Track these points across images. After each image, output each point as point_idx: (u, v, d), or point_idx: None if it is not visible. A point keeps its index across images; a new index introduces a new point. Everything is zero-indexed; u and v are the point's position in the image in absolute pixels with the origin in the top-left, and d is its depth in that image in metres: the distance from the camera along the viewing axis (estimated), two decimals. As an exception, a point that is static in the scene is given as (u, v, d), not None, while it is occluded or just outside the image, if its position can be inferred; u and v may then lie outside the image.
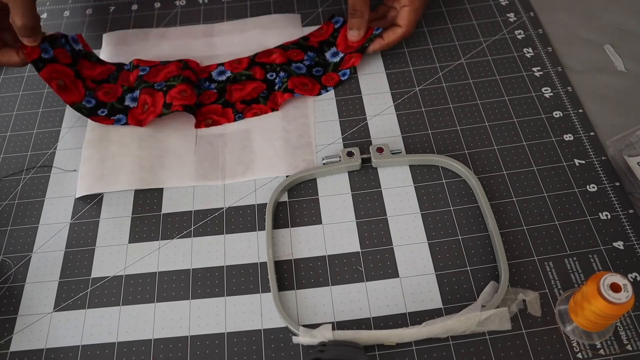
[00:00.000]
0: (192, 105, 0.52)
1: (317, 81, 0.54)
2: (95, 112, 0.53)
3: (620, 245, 0.43)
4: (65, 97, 0.52)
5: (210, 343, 0.40)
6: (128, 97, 0.54)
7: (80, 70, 0.54)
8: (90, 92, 0.54)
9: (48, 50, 0.52)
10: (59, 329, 0.42)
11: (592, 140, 0.49)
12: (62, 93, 0.52)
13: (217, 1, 0.63)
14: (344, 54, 0.56)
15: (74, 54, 0.54)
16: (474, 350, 0.39)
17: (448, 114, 0.51)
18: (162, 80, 0.54)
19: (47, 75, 0.51)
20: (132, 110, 0.53)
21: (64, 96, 0.52)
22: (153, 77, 0.54)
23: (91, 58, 0.56)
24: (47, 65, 0.51)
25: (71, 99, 0.52)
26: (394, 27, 0.54)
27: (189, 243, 0.45)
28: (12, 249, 0.46)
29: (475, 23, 0.58)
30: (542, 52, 0.55)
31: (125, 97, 0.54)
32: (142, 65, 0.56)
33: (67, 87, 0.53)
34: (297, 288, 0.42)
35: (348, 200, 0.47)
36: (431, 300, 0.41)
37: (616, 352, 0.38)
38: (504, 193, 0.46)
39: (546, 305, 0.40)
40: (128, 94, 0.55)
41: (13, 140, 0.53)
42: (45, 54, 0.51)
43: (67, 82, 0.53)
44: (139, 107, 0.53)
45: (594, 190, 0.46)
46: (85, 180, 0.49)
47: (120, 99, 0.54)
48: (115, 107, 0.54)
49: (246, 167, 0.49)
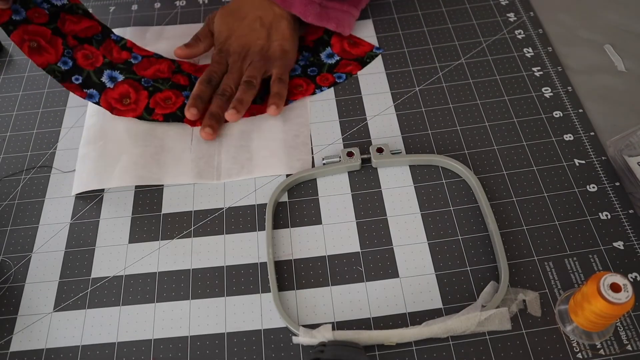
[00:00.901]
0: (175, 112, 0.51)
1: (311, 81, 0.54)
2: (69, 78, 0.51)
3: (620, 245, 0.43)
4: (37, 59, 0.50)
5: (210, 343, 0.40)
6: (107, 73, 0.53)
7: (61, 26, 0.52)
8: (69, 50, 0.52)
9: (19, 11, 0.49)
10: (59, 329, 0.42)
11: (592, 140, 0.49)
12: (35, 55, 0.50)
13: (217, 2, 0.63)
14: (340, 57, 0.56)
15: (53, 11, 0.51)
16: (474, 350, 0.39)
17: (448, 114, 0.51)
18: (150, 78, 0.53)
19: (19, 37, 0.49)
20: (107, 91, 0.52)
21: (37, 58, 0.50)
22: (142, 70, 0.54)
23: (77, 11, 0.53)
24: (18, 27, 0.49)
25: (45, 60, 0.50)
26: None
27: (189, 243, 0.45)
28: (12, 249, 0.46)
29: (475, 23, 0.58)
30: (542, 52, 0.55)
31: (104, 72, 0.53)
32: (135, 52, 0.55)
33: (42, 47, 0.50)
34: (297, 288, 0.42)
35: (348, 201, 0.47)
36: (431, 300, 0.41)
37: (616, 352, 0.38)
38: (504, 193, 0.46)
39: (546, 305, 0.40)
40: (108, 70, 0.53)
41: (13, 140, 0.53)
42: (16, 15, 0.49)
43: (43, 42, 0.50)
44: (116, 93, 0.52)
45: (594, 190, 0.46)
46: (81, 177, 0.49)
47: (98, 71, 0.52)
48: (91, 78, 0.52)
49: (241, 166, 0.49)
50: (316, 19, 0.55)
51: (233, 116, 0.50)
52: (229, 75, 0.53)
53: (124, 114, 0.51)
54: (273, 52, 0.54)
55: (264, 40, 0.54)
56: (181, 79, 0.54)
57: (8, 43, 0.61)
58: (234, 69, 0.53)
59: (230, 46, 0.54)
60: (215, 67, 0.53)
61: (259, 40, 0.54)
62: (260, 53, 0.54)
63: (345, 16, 0.56)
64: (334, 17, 0.55)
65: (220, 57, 0.54)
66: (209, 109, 0.51)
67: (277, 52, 0.54)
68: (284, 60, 0.54)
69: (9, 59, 0.59)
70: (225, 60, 0.54)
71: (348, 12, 0.56)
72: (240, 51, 0.54)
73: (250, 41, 0.54)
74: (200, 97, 0.51)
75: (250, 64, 0.53)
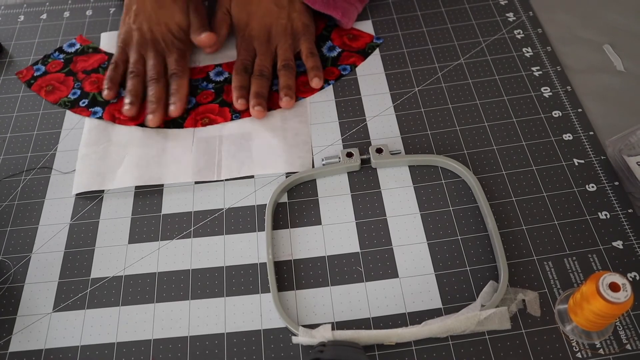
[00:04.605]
0: (176, 119, 0.52)
1: None
2: (77, 104, 0.54)
3: (620, 244, 0.43)
4: (51, 98, 0.55)
5: (209, 343, 0.40)
6: None
7: (73, 67, 0.57)
8: (79, 83, 0.56)
9: (40, 68, 0.57)
10: (58, 329, 0.42)
11: (592, 139, 0.49)
12: (49, 96, 0.55)
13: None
14: (342, 49, 0.56)
15: (67, 58, 0.58)
16: (473, 350, 0.39)
17: (447, 114, 0.51)
18: None
19: (38, 87, 0.56)
20: (110, 105, 0.54)
21: (51, 97, 0.55)
22: None
23: (88, 50, 0.58)
24: (37, 79, 0.56)
25: (58, 97, 0.55)
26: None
27: (189, 243, 0.45)
28: (12, 249, 0.46)
29: (474, 23, 0.58)
30: (542, 52, 0.55)
31: None
32: None
33: (55, 88, 0.55)
34: (296, 288, 0.42)
35: (347, 201, 0.47)
36: (431, 300, 0.41)
37: (615, 351, 0.38)
38: (503, 193, 0.46)
39: (545, 305, 0.40)
40: None
41: (13, 141, 0.53)
42: (37, 72, 0.57)
43: (56, 84, 0.55)
44: (119, 105, 0.54)
45: (593, 189, 0.46)
46: (82, 177, 0.49)
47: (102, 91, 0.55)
48: (96, 98, 0.55)
49: (241, 163, 0.49)
50: (323, 7, 0.56)
51: (289, 103, 0.52)
52: (260, 57, 0.54)
53: (126, 123, 0.52)
54: (296, 28, 0.56)
55: (285, 20, 0.55)
56: None
57: (9, 44, 0.61)
58: (263, 51, 0.54)
59: (253, 30, 0.56)
60: (244, 54, 0.54)
61: (281, 20, 0.55)
62: (285, 32, 0.55)
63: (351, 8, 0.57)
64: (340, 6, 0.56)
65: (247, 44, 0.55)
66: (252, 91, 0.52)
67: (300, 27, 0.56)
68: (308, 34, 0.56)
69: (9, 60, 0.59)
70: (252, 45, 0.55)
71: (354, 4, 0.57)
72: (263, 33, 0.55)
73: (271, 22, 0.55)
74: (243, 87, 0.52)
75: (279, 46, 0.55)
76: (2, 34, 0.62)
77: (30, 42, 0.61)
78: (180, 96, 0.52)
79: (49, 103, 0.55)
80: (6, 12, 0.64)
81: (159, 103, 0.52)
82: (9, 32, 0.62)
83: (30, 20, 0.63)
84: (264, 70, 0.53)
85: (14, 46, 0.61)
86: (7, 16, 0.64)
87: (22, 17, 0.64)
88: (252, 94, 0.52)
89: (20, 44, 0.61)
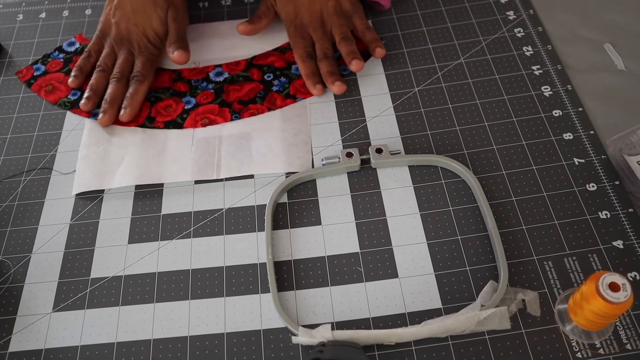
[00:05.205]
0: (175, 120, 0.52)
1: None
2: (77, 104, 0.54)
3: (620, 244, 0.43)
4: (51, 98, 0.55)
5: (209, 343, 0.40)
6: None
7: (73, 67, 0.56)
8: None
9: (40, 68, 0.57)
10: (58, 329, 0.42)
11: (592, 139, 0.49)
12: (49, 96, 0.55)
13: (217, 4, 0.63)
14: None
15: (67, 57, 0.58)
16: (473, 350, 0.39)
17: (447, 114, 0.51)
18: (152, 89, 0.55)
19: (37, 87, 0.56)
20: None
21: (50, 97, 0.55)
22: None
23: None
24: (37, 79, 0.57)
25: (58, 97, 0.55)
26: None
27: (189, 244, 0.45)
28: (12, 249, 0.46)
29: (475, 22, 0.58)
30: (542, 51, 0.55)
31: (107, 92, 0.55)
32: None
33: (55, 88, 0.56)
34: (296, 288, 0.42)
35: (347, 201, 0.47)
36: (430, 300, 0.41)
37: (615, 351, 0.38)
38: (503, 193, 0.46)
39: (545, 304, 0.40)
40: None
41: (14, 142, 0.53)
42: (37, 71, 0.57)
43: (56, 84, 0.56)
44: None
45: (594, 189, 0.46)
46: (82, 177, 0.49)
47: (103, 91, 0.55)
48: None
49: (241, 162, 0.49)
50: None
51: (358, 64, 0.53)
52: (319, 42, 0.55)
53: (126, 124, 0.52)
54: (345, 7, 0.57)
55: (333, 1, 0.56)
56: (181, 86, 0.55)
57: (8, 43, 0.61)
58: (320, 35, 0.55)
59: (304, 18, 0.56)
60: (302, 43, 0.55)
61: (329, 2, 0.56)
62: (336, 13, 0.56)
63: None
64: None
65: (302, 32, 0.56)
66: (324, 71, 0.53)
67: (348, 5, 0.57)
68: (358, 11, 0.57)
69: (9, 60, 0.59)
70: (307, 33, 0.56)
71: None
72: (316, 19, 0.56)
73: (320, 7, 0.56)
74: (314, 73, 0.53)
75: (333, 27, 0.56)
76: (1, 34, 0.62)
77: (30, 42, 0.61)
78: (132, 102, 0.52)
79: (50, 104, 0.55)
80: (4, 10, 0.64)
81: (112, 104, 0.52)
82: (8, 31, 0.62)
83: (29, 19, 0.63)
84: (327, 52, 0.54)
85: (14, 45, 0.61)
86: (5, 15, 0.64)
87: (21, 16, 0.63)
88: (325, 75, 0.53)
89: (20, 43, 0.61)
